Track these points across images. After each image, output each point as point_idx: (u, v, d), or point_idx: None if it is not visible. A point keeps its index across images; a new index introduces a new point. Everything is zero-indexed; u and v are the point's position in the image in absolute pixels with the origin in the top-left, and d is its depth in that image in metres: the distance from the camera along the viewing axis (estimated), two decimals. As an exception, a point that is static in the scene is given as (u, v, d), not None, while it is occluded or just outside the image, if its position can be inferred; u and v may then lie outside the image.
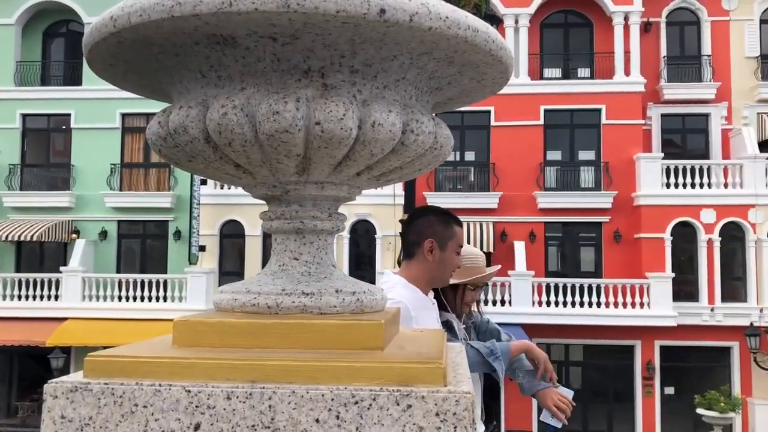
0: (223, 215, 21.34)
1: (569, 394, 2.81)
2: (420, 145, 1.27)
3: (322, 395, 1.07)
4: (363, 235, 21.51)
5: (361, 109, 1.19)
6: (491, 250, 20.38)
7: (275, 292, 1.28)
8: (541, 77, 22.14)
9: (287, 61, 1.18)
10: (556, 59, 22.55)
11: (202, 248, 21.02)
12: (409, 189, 7.82)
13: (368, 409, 1.06)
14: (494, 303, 19.49)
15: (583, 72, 22.37)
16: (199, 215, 20.88)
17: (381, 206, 20.09)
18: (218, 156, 1.26)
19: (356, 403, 1.06)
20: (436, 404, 1.05)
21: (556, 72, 22.46)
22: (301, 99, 1.17)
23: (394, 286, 2.33)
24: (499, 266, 3.71)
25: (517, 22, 21.55)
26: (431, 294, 2.53)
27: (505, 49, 1.27)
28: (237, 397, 1.08)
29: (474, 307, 3.12)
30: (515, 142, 21.25)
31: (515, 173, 21.19)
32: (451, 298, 2.85)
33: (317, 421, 1.07)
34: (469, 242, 20.17)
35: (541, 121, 21.38)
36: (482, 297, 18.99)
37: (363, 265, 21.49)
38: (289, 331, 1.21)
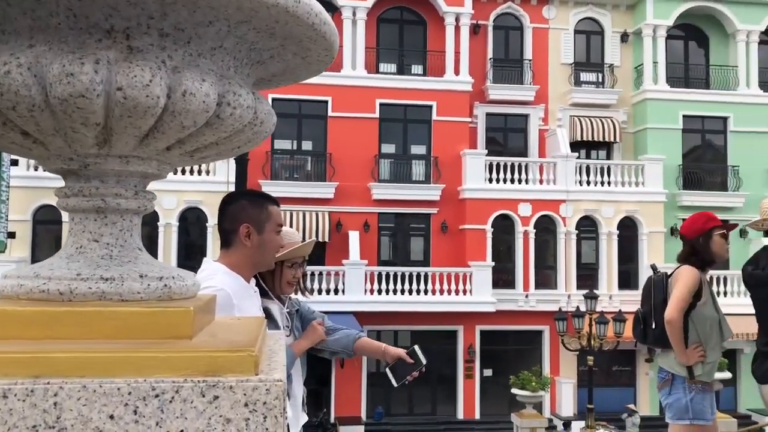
0: (36, 199, 19.61)
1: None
2: (237, 119, 1.20)
3: (118, 389, 0.97)
4: (194, 223, 20.73)
5: (170, 76, 1.09)
6: (326, 239, 20.54)
7: (69, 277, 1.14)
8: (378, 71, 22.59)
9: (86, 18, 1.06)
10: (391, 54, 23.11)
11: (12, 235, 19.11)
12: (241, 176, 7.61)
13: (170, 402, 0.98)
14: (328, 292, 19.66)
15: (417, 69, 23.13)
16: (8, 198, 18.99)
17: (213, 193, 19.45)
18: (1, 121, 1.11)
19: (157, 396, 0.97)
20: (245, 394, 0.99)
21: (392, 67, 23.03)
22: (101, 61, 1.05)
23: (214, 274, 2.22)
24: (314, 239, 3.69)
25: (354, 14, 21.78)
26: (253, 281, 2.45)
27: (328, 24, 1.23)
28: (15, 395, 0.95)
29: (299, 294, 3.07)
30: (352, 134, 21.52)
31: (351, 164, 21.47)
32: (270, 280, 2.78)
33: (111, 417, 0.97)
34: (304, 232, 20.17)
35: (377, 115, 21.83)
36: (316, 285, 19.10)
37: (193, 255, 20.71)
38: (84, 320, 1.08)
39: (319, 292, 19.61)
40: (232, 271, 2.26)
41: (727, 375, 7.97)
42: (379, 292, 20.09)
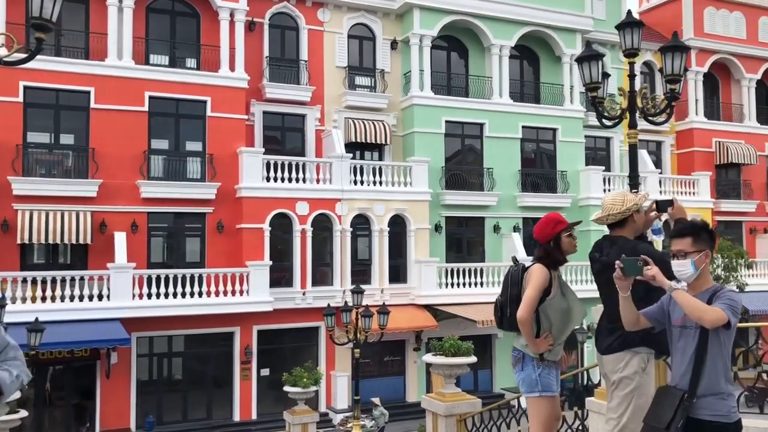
0: None
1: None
2: None
3: None
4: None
5: None
6: (89, 241, 19.06)
7: None
8: (147, 62, 21.43)
9: None
10: (162, 46, 22.07)
11: None
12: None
13: None
14: (90, 298, 18.26)
15: (191, 62, 22.33)
16: None
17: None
18: None
19: None
20: None
21: (163, 59, 21.99)
22: None
23: None
24: None
25: (121, 1, 20.45)
26: None
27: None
28: None
29: None
30: (118, 128, 20.19)
31: (117, 160, 20.14)
32: None
33: None
34: (63, 233, 18.53)
35: (146, 108, 20.69)
36: (77, 292, 17.61)
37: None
38: None
39: (81, 298, 18.16)
40: None
41: (473, 359, 8.71)
42: (149, 296, 19.09)
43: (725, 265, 24.39)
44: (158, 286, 19.23)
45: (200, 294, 19.70)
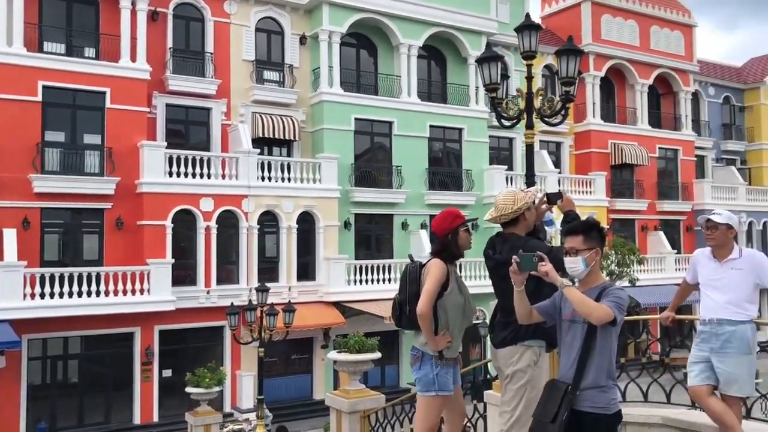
0: None
1: None
2: None
3: None
4: None
5: None
6: (-27, 238, 17.86)
7: None
8: (41, 50, 20.31)
9: None
10: (58, 33, 20.99)
11: None
12: None
13: None
14: (-25, 299, 17.13)
15: (89, 52, 21.34)
16: None
17: None
18: None
19: None
20: None
21: (59, 47, 20.90)
22: None
23: None
24: None
25: (11, -17, 19.28)
26: None
27: None
28: None
29: None
30: (7, 119, 19.04)
31: (6, 153, 18.99)
32: None
33: None
34: (-57, 230, 17.26)
35: (39, 98, 19.60)
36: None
37: None
38: None
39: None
40: None
41: (377, 355, 8.76)
42: (42, 296, 18.11)
43: (618, 261, 25.66)
44: (52, 286, 18.27)
45: (98, 293, 18.87)
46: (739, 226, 5.61)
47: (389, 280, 23.27)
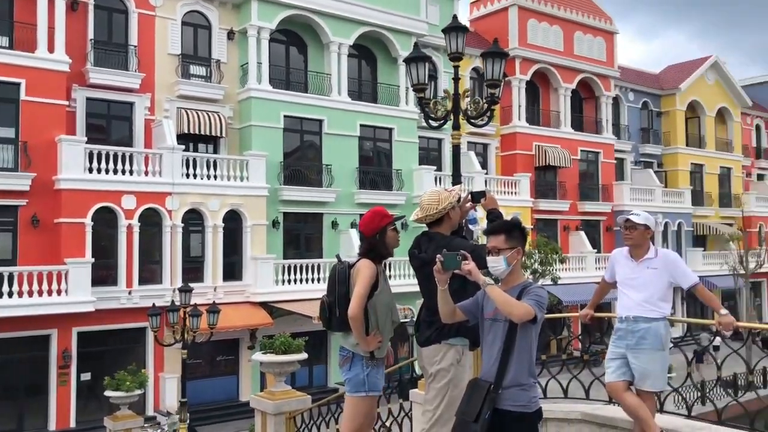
0: None
1: None
2: None
3: None
4: None
5: None
6: None
7: None
8: (-52, 37, 19.21)
9: None
10: (-33, 19, 19.88)
11: None
12: None
13: None
14: None
15: (3, 41, 20.32)
16: None
17: None
18: None
19: None
20: None
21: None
22: None
23: None
24: None
25: None
26: None
27: None
28: None
29: None
30: None
31: None
32: None
33: None
34: None
35: (-53, 88, 18.53)
36: None
37: None
38: None
39: None
40: None
41: (304, 356, 8.67)
42: (-51, 297, 17.12)
43: (541, 259, 26.34)
44: (-40, 287, 17.31)
45: (10, 294, 17.98)
46: (655, 227, 5.83)
47: (318, 279, 23.12)
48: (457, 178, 6.65)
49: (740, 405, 5.55)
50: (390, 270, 23.55)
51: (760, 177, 47.37)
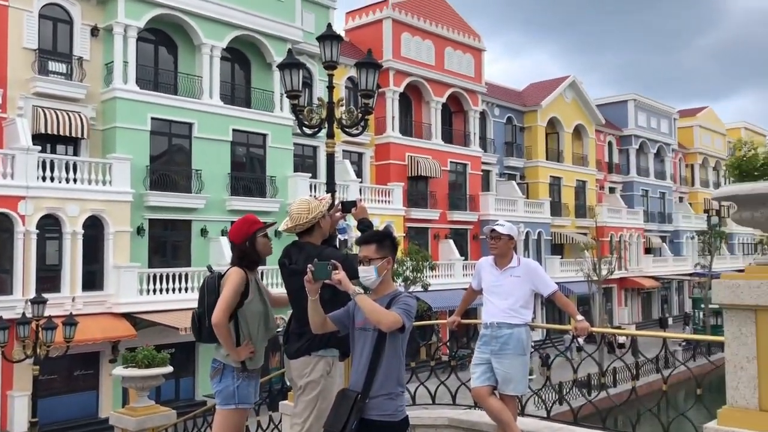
0: None
1: None
2: None
3: None
4: None
5: None
6: None
7: None
8: None
9: None
10: None
11: None
12: None
13: None
14: None
15: None
16: None
17: None
18: None
19: None
20: None
21: None
22: None
23: None
24: None
25: None
26: None
27: None
28: None
29: None
30: None
31: None
32: None
33: None
34: None
35: None
36: None
37: None
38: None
39: None
40: None
41: (168, 369, 8.32)
42: None
43: (413, 267, 26.94)
44: None
45: None
46: (518, 236, 6.11)
47: (186, 289, 22.32)
48: (331, 186, 6.65)
49: (593, 405, 5.92)
50: (264, 278, 23.14)
51: (612, 190, 51.15)
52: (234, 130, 25.79)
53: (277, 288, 22.72)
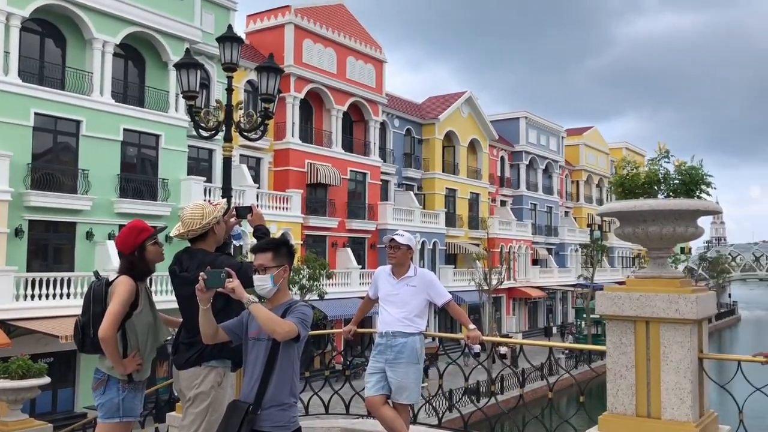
0: None
1: None
2: None
3: None
4: None
5: None
6: None
7: None
8: None
9: None
10: None
11: None
12: None
13: None
14: None
15: None
16: None
17: None
18: None
19: None
20: None
21: None
22: None
23: None
24: None
25: None
26: None
27: None
28: None
29: None
30: None
31: None
32: None
33: None
34: None
35: None
36: None
37: None
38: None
39: None
40: None
41: (46, 380, 7.83)
42: None
43: (310, 275, 26.75)
44: None
45: None
46: (416, 247, 6.19)
47: (69, 295, 21.14)
48: (227, 191, 6.49)
49: (482, 412, 6.06)
50: (153, 285, 22.26)
51: (503, 203, 53.02)
52: (125, 129, 24.74)
53: (167, 295, 21.95)
